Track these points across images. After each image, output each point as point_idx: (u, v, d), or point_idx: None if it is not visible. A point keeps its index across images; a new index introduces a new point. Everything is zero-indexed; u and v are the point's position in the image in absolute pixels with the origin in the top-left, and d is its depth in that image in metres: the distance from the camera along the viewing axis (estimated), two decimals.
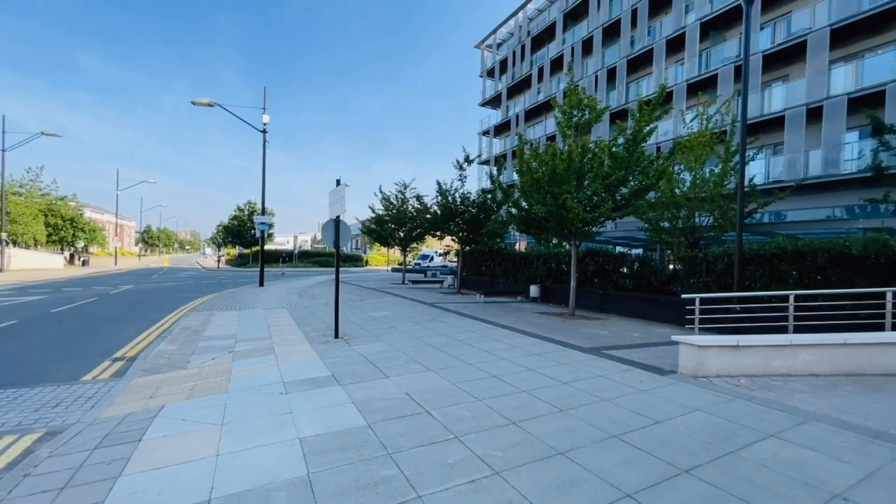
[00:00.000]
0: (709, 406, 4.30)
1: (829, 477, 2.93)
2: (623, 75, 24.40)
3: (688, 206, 11.57)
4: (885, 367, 5.15)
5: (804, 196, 15.50)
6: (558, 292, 13.74)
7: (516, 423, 3.80)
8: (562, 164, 10.11)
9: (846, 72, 15.74)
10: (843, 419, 3.98)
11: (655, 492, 2.72)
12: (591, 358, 6.35)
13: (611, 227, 21.55)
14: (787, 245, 7.95)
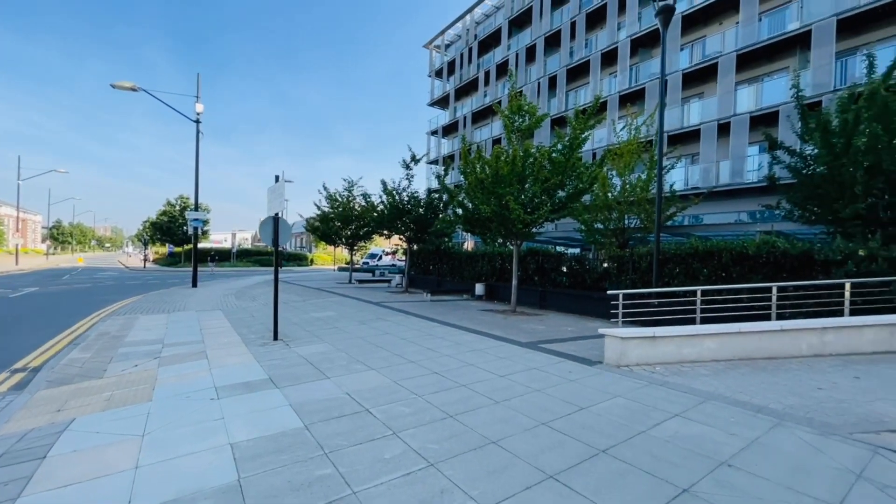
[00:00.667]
0: (627, 392, 4.74)
1: (719, 448, 3.38)
2: (563, 83, 25.71)
3: (618, 209, 12.51)
4: (771, 352, 5.97)
5: (717, 201, 17.36)
6: (502, 290, 14.24)
7: (454, 417, 3.95)
8: (505, 166, 10.52)
9: (749, 93, 17.86)
10: (736, 398, 4.57)
11: (575, 471, 2.98)
12: (528, 352, 6.70)
13: (551, 228, 22.65)
14: (698, 245, 8.90)
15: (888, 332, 6.11)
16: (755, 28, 17.41)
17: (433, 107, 41.01)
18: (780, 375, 5.35)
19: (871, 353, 6.13)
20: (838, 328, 6.08)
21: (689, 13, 19.68)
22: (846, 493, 2.74)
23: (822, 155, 8.58)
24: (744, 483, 2.85)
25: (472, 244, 30.52)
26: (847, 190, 8.15)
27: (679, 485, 2.82)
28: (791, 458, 3.22)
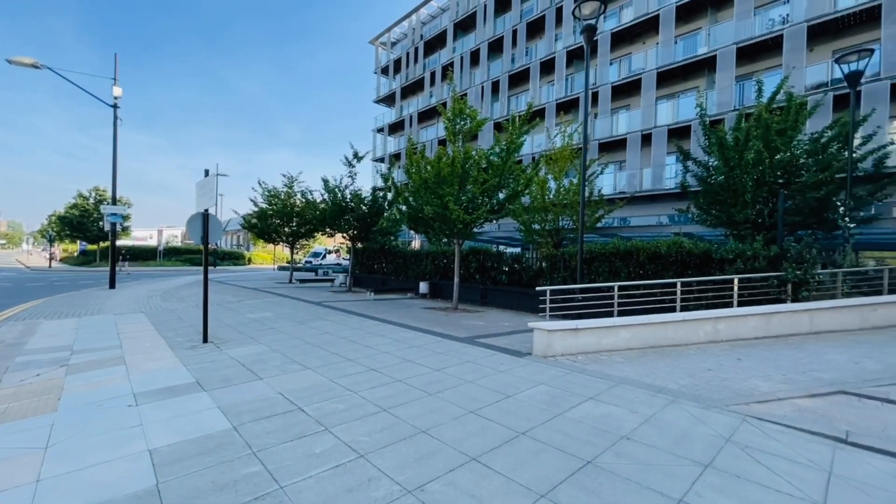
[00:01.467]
0: (551, 380, 5.15)
1: (621, 424, 3.83)
2: (505, 88, 26.66)
3: (553, 210, 13.29)
4: (675, 340, 6.76)
5: (641, 205, 18.99)
6: (445, 288, 14.54)
7: (387, 410, 4.08)
8: (446, 167, 10.78)
9: (668, 108, 19.74)
10: (642, 381, 5.15)
11: (496, 453, 3.25)
12: (465, 346, 6.99)
13: (494, 228, 23.46)
14: (619, 246, 9.77)
15: (765, 320, 7.17)
16: (672, 49, 19.30)
17: (379, 104, 40.56)
18: (680, 360, 6.08)
19: (752, 338, 7.15)
20: (728, 317, 7.02)
21: (618, 31, 21.33)
22: (716, 455, 3.26)
23: (720, 167, 9.80)
24: (638, 452, 3.28)
25: (419, 243, 30.66)
26: (740, 198, 9.37)
27: (584, 458, 3.18)
28: (678, 429, 3.73)
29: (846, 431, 3.61)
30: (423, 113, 33.64)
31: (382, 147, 38.48)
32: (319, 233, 19.93)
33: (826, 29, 15.82)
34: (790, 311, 7.37)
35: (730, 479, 2.89)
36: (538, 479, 2.85)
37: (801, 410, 4.21)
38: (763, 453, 3.27)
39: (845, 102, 13.85)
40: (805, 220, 9.56)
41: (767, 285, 7.94)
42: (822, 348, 6.61)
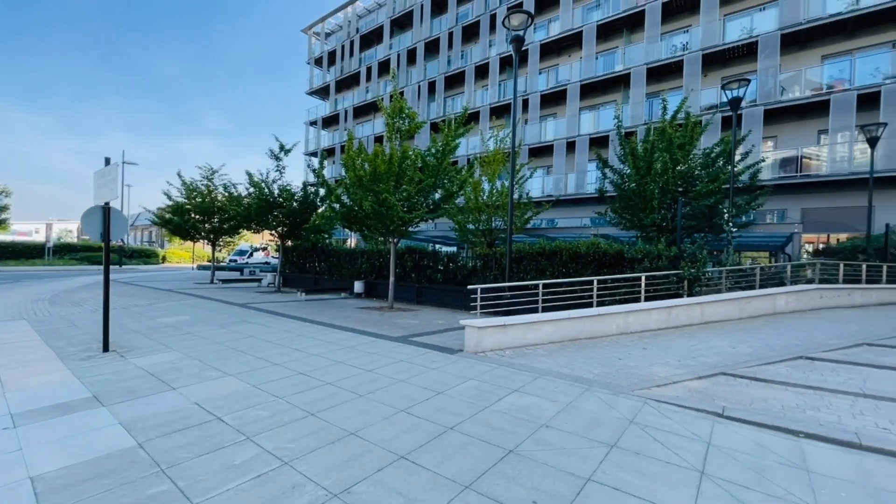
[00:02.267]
0: (480, 375, 5.37)
1: (542, 413, 4.12)
2: (442, 89, 27.01)
3: (487, 211, 13.76)
4: (592, 333, 7.39)
5: (567, 208, 20.34)
6: (381, 287, 14.41)
7: (314, 414, 3.99)
8: (383, 165, 10.68)
9: (590, 118, 21.38)
10: (562, 372, 5.56)
11: (424, 449, 3.33)
12: (399, 346, 7.01)
13: (431, 227, 23.65)
14: (545, 246, 10.42)
15: (666, 312, 8.12)
16: (594, 64, 20.95)
17: (312, 96, 38.90)
18: (595, 351, 6.66)
19: (656, 329, 8.05)
20: (636, 311, 7.83)
21: (546, 43, 22.62)
22: (621, 435, 3.64)
23: (632, 175, 10.84)
24: (554, 438, 3.56)
25: (355, 242, 29.95)
26: (648, 203, 10.46)
27: (507, 447, 3.38)
28: (591, 414, 4.11)
29: (723, 407, 4.23)
30: (360, 108, 32.88)
31: (315, 141, 36.95)
32: (245, 229, 18.64)
33: (717, 58, 18.17)
34: (686, 305, 8.41)
35: (630, 456, 3.25)
36: (463, 472, 2.98)
37: (691, 391, 4.84)
38: (659, 431, 3.73)
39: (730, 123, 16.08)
40: (699, 225, 10.95)
41: (669, 282, 8.98)
42: (710, 336, 7.63)
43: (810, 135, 16.44)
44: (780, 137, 17.01)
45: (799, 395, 4.71)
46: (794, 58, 16.90)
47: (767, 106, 16.43)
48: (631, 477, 2.94)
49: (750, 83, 10.52)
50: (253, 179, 15.32)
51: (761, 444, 3.49)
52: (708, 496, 2.72)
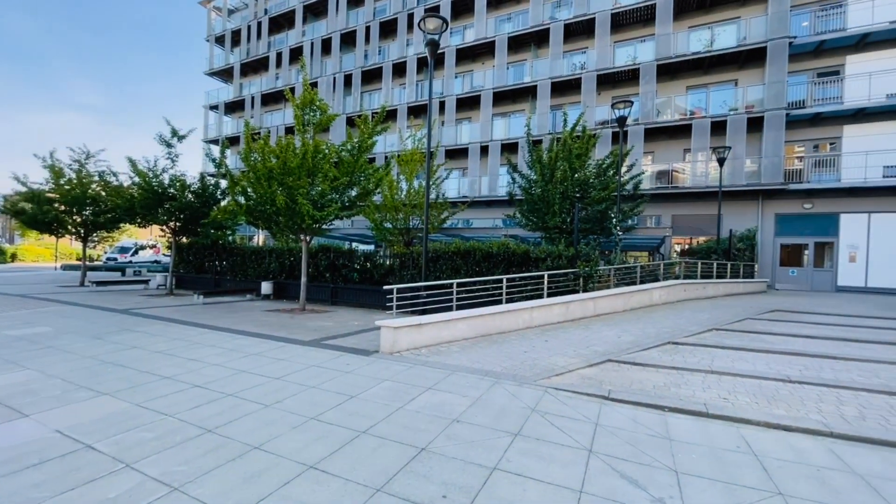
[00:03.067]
0: (395, 375, 5.40)
1: (454, 409, 4.29)
2: (358, 84, 26.34)
3: (404, 210, 13.79)
4: (501, 328, 7.87)
5: (481, 209, 21.24)
6: (292, 288, 13.63)
7: (212, 431, 3.66)
8: (294, 158, 10.10)
9: (501, 124, 22.62)
10: (473, 367, 5.83)
11: (335, 456, 3.26)
12: (310, 350, 6.72)
13: (347, 225, 22.98)
14: (460, 246, 10.81)
15: (565, 307, 8.98)
16: (505, 74, 22.20)
17: (214, 77, 35.13)
18: (504, 346, 7.10)
19: (557, 322, 8.86)
20: (540, 307, 8.52)
21: (462, 48, 23.36)
22: (524, 424, 3.95)
23: (538, 180, 11.73)
24: (465, 432, 3.73)
25: (263, 239, 27.88)
26: (551, 207, 11.41)
27: (420, 445, 3.46)
28: (498, 406, 4.39)
29: (609, 390, 4.82)
30: (269, 95, 30.56)
31: (217, 127, 33.46)
32: (128, 223, 16.20)
33: (608, 79, 20.48)
34: (582, 300, 9.37)
35: (532, 443, 3.55)
36: (375, 475, 2.99)
37: (584, 378, 5.42)
38: (556, 416, 4.12)
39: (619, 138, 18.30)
40: (592, 228, 12.28)
41: (568, 279, 9.92)
42: (601, 327, 8.61)
43: (678, 152, 19.38)
44: (657, 153, 19.78)
45: (666, 375, 5.57)
46: (667, 86, 19.75)
47: (647, 125, 18.98)
48: (531, 462, 3.22)
49: (633, 104, 12.07)
50: (137, 167, 13.40)
51: (637, 420, 4.06)
52: (593, 471, 3.10)
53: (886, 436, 3.69)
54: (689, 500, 2.74)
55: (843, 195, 16.45)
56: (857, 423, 4.00)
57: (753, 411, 4.26)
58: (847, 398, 4.70)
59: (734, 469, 3.16)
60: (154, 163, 13.79)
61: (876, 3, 16.24)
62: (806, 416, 4.17)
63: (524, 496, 2.76)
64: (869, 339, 7.66)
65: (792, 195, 17.20)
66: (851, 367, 5.95)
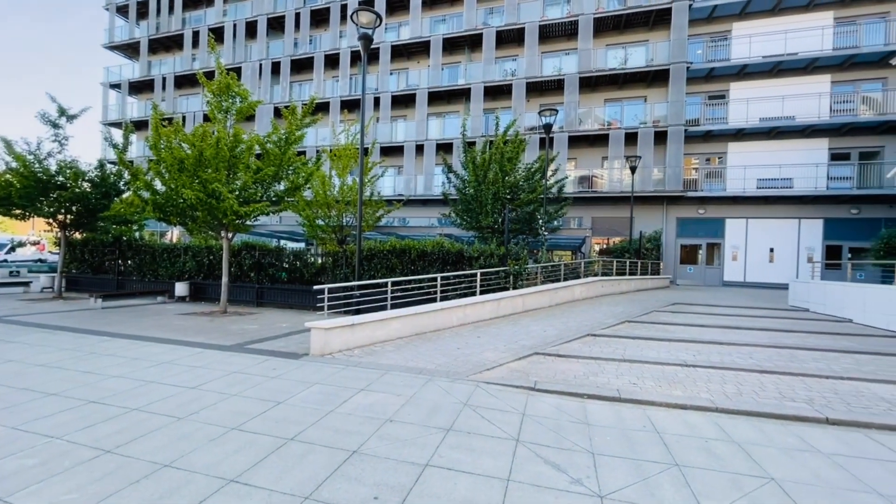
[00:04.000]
0: (326, 378, 5.22)
1: (387, 408, 4.26)
2: (287, 73, 24.96)
3: (337, 207, 13.33)
4: (436, 326, 7.97)
5: (416, 207, 21.25)
6: (211, 289, 12.57)
7: (112, 451, 3.26)
8: (210, 149, 9.30)
9: (437, 124, 22.85)
10: (408, 365, 5.84)
11: (260, 467, 3.08)
12: (232, 355, 6.26)
13: (275, 221, 21.71)
14: (395, 244, 10.74)
15: (497, 304, 9.34)
16: (440, 74, 22.46)
17: (115, 51, 31.03)
18: (438, 343, 7.20)
19: (489, 319, 9.18)
20: (473, 304, 8.78)
21: (397, 45, 23.18)
22: (456, 419, 4.05)
23: (472, 181, 12.05)
24: (398, 431, 3.73)
25: (177, 235, 25.31)
26: (484, 208, 11.78)
27: (351, 448, 3.39)
28: (431, 403, 4.44)
29: (535, 382, 5.11)
30: (184, 77, 27.75)
31: (119, 108, 29.63)
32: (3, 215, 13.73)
33: (537, 87, 21.61)
34: (512, 297, 9.81)
35: (463, 437, 3.65)
36: (303, 482, 2.88)
37: (512, 371, 5.69)
38: (487, 409, 4.28)
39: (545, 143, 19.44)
40: (522, 228, 12.91)
41: (499, 277, 10.32)
42: (529, 323, 9.09)
43: (598, 159, 21.06)
44: (579, 159, 21.30)
45: (585, 365, 6.04)
46: (588, 97, 21.35)
47: (570, 133, 20.37)
48: (463, 455, 3.31)
49: (559, 113, 12.90)
50: (13, 150, 11.42)
51: (559, 408, 4.36)
52: (520, 459, 3.27)
53: (757, 408, 4.37)
54: (603, 479, 3.01)
55: (728, 203, 19.06)
56: (736, 399, 4.67)
57: (657, 394, 4.79)
58: (729, 378, 5.48)
59: (641, 447, 3.53)
60: (37, 146, 11.86)
61: (752, 40, 19.03)
62: (698, 395, 4.79)
63: (455, 490, 2.83)
64: (746, 326, 8.98)
65: (689, 201, 19.54)
66: (733, 350, 6.93)
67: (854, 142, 18.13)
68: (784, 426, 4.02)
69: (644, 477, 3.04)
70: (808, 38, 18.28)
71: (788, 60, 18.12)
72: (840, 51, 17.76)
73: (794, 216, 18.41)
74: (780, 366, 5.97)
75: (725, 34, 19.83)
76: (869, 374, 5.67)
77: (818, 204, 18.06)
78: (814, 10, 18.54)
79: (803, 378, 5.48)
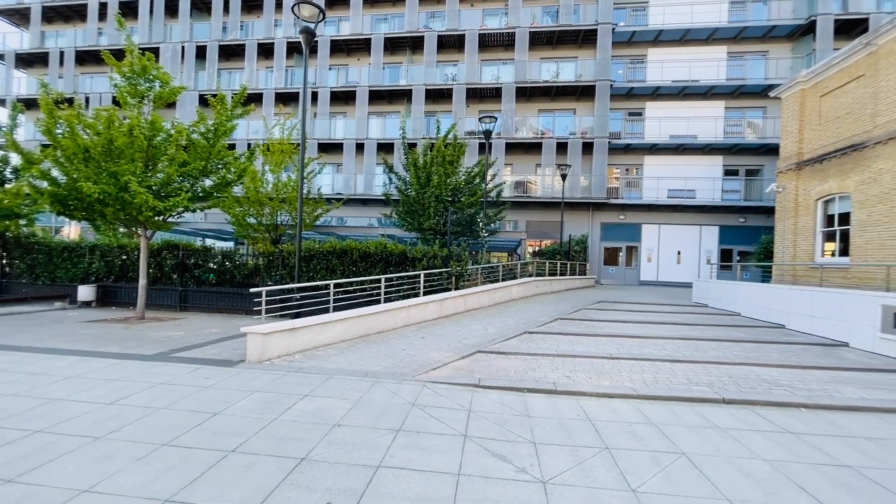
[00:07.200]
0: (266, 385, 4.99)
1: (334, 413, 4.20)
2: (215, 59, 23.14)
3: (271, 205, 12.65)
4: (380, 328, 7.93)
5: (357, 207, 20.81)
6: (125, 292, 11.31)
7: (13, 481, 2.87)
8: (122, 137, 8.38)
9: (377, 124, 22.60)
10: (353, 369, 5.77)
11: (198, 483, 2.90)
12: (156, 365, 5.73)
13: (200, 219, 20.06)
14: (336, 245, 10.48)
15: (440, 304, 9.52)
16: (381, 74, 22.25)
17: None
18: (383, 345, 7.19)
19: (433, 319, 9.33)
20: (417, 305, 8.86)
21: (337, 40, 22.54)
22: (405, 419, 4.11)
23: (413, 183, 12.12)
24: (347, 435, 3.71)
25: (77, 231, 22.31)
26: (427, 210, 11.91)
27: (299, 456, 3.31)
28: (380, 405, 4.46)
29: (479, 379, 5.33)
30: (89, 54, 24.47)
31: (4, 84, 25.34)
32: None
33: (476, 93, 22.26)
34: (454, 297, 10.05)
35: (413, 436, 3.73)
36: (250, 495, 2.77)
37: (457, 369, 5.87)
38: (434, 408, 4.40)
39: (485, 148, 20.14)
40: (463, 230, 13.24)
41: (442, 278, 10.52)
42: (470, 322, 9.38)
43: (532, 166, 22.22)
44: (515, 165, 22.31)
45: (524, 361, 6.41)
46: (524, 106, 22.44)
47: (508, 140, 21.27)
48: (414, 454, 3.39)
49: (497, 120, 13.44)
50: None
51: (503, 403, 4.61)
52: (469, 454, 3.43)
53: (670, 393, 4.98)
54: (545, 466, 3.27)
55: (644, 210, 21.15)
56: (653, 386, 5.28)
57: (588, 385, 5.24)
58: (647, 368, 6.15)
59: (576, 434, 3.87)
60: None
61: (664, 66, 21.34)
62: (622, 384, 5.32)
63: (409, 488, 2.91)
64: (659, 321, 10.07)
65: (612, 208, 21.36)
66: (650, 343, 7.76)
67: (742, 160, 21.08)
68: (691, 407, 4.63)
69: (580, 461, 3.35)
70: (708, 67, 20.92)
71: (692, 86, 20.57)
72: (732, 81, 20.56)
73: (696, 223, 20.92)
74: (688, 355, 6.82)
75: (642, 58, 21.99)
76: (753, 359, 6.69)
77: (715, 213, 20.71)
78: (712, 43, 21.25)
79: (705, 365, 6.32)
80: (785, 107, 13.19)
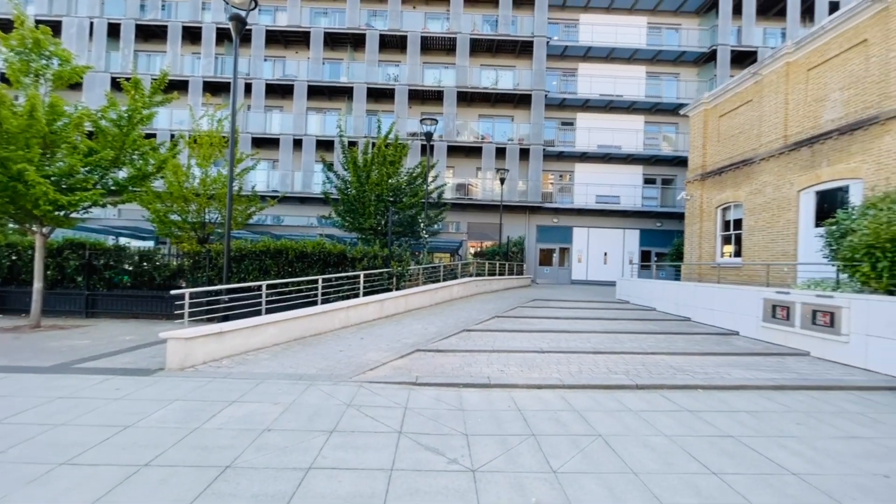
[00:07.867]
0: (188, 393, 4.67)
1: (265, 418, 4.04)
2: (131, 39, 20.97)
3: (198, 201, 11.76)
4: (317, 329, 7.72)
5: (294, 206, 19.95)
6: (18, 297, 9.87)
7: None
8: (15, 118, 7.36)
9: (317, 120, 21.87)
10: (286, 372, 5.57)
11: (104, 501, 2.68)
12: (55, 378, 5.10)
13: (113, 215, 18.11)
14: (270, 244, 10.00)
15: (380, 305, 9.47)
16: (321, 69, 21.57)
17: None
18: (319, 347, 7.01)
19: (372, 319, 9.25)
20: (356, 306, 8.74)
21: (272, 30, 21.48)
22: (339, 420, 4.07)
23: (354, 182, 11.93)
24: (277, 440, 3.59)
25: None
26: (367, 209, 11.78)
27: (224, 464, 3.16)
28: (313, 407, 4.36)
29: (416, 377, 5.41)
30: None
31: None
32: None
33: (419, 95, 22.39)
34: (395, 297, 10.04)
35: (347, 436, 3.71)
36: None
37: (395, 369, 5.90)
38: (370, 407, 4.40)
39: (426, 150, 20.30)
40: (404, 231, 13.28)
41: (382, 278, 10.46)
42: (411, 321, 9.43)
43: (473, 169, 22.81)
44: (457, 168, 22.76)
45: (461, 357, 6.60)
46: (465, 111, 22.98)
47: (449, 143, 21.64)
48: (347, 454, 3.38)
49: (438, 122, 13.66)
50: None
51: (439, 398, 4.73)
52: (402, 449, 3.50)
53: (591, 381, 5.42)
54: (475, 456, 3.42)
55: (575, 214, 22.61)
56: (577, 376, 5.70)
57: (519, 378, 5.54)
58: (573, 360, 6.62)
59: (506, 424, 4.08)
60: None
61: (593, 80, 23.01)
62: (550, 376, 5.69)
63: (340, 487, 2.91)
64: (586, 317, 10.85)
65: (546, 211, 22.57)
66: (577, 337, 8.34)
67: (659, 170, 23.32)
68: (609, 394, 5.08)
69: (508, 449, 3.56)
70: (630, 84, 22.90)
71: (617, 100, 22.39)
72: (650, 98, 22.69)
73: (620, 227, 22.77)
74: (609, 347, 7.44)
75: (574, 71, 23.51)
76: (664, 349, 7.47)
77: (636, 217, 22.69)
78: (634, 63, 23.29)
79: (623, 355, 6.95)
80: (692, 124, 14.85)
